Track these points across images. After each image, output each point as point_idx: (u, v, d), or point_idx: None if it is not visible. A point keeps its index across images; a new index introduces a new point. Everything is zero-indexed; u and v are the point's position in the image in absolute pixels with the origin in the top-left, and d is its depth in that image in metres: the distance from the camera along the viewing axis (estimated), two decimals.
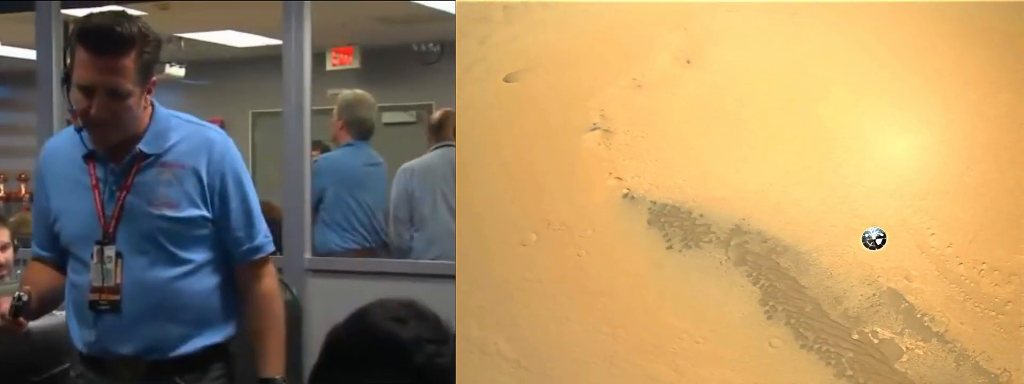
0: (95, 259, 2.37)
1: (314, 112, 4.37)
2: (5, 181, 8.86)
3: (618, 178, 2.39)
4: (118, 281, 2.36)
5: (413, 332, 1.72)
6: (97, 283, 2.38)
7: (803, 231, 2.30)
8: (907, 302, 2.30)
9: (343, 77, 7.45)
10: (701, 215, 2.34)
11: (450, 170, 4.38)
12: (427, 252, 4.46)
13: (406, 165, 4.62)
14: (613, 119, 2.35)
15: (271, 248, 2.54)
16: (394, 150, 5.09)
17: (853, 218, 2.29)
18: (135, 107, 2.33)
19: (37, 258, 2.56)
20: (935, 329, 2.30)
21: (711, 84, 2.31)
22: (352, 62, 7.74)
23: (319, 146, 5.35)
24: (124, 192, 2.38)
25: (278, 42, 4.41)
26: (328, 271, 4.31)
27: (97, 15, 2.26)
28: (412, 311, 1.77)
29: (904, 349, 2.31)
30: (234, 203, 2.46)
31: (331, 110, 4.77)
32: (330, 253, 4.47)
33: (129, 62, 2.26)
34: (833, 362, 2.32)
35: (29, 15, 4.73)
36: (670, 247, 2.37)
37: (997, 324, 2.28)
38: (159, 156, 2.40)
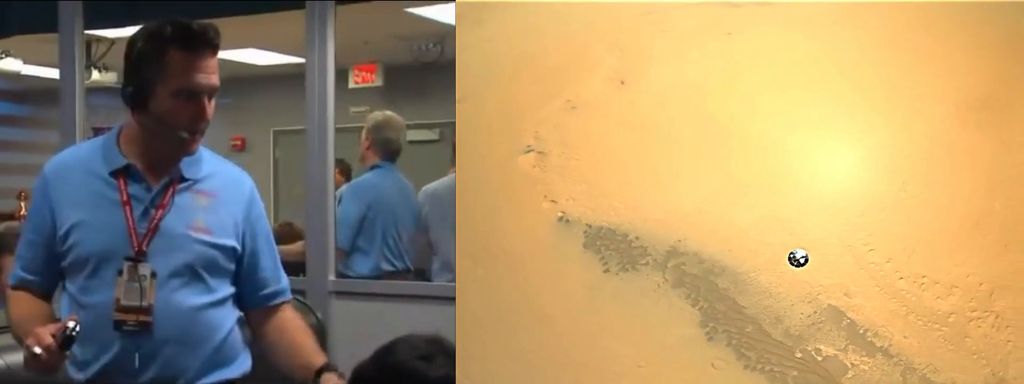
0: (126, 276, 2.26)
1: (337, 130, 4.40)
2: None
3: (553, 201, 2.36)
4: (151, 301, 2.26)
5: (440, 370, 1.72)
6: (127, 302, 2.26)
7: (740, 251, 2.27)
8: (849, 318, 2.27)
9: (366, 95, 7.63)
10: (637, 237, 2.31)
11: None
12: (440, 276, 4.50)
13: (426, 187, 4.71)
14: (547, 141, 2.33)
15: (290, 295, 2.55)
16: (418, 169, 5.20)
17: (789, 236, 2.26)
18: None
19: (22, 285, 2.40)
20: (879, 344, 2.27)
21: (645, 104, 2.28)
22: (375, 80, 7.81)
23: (341, 165, 5.39)
24: (160, 210, 2.32)
25: (300, 60, 4.46)
26: (352, 294, 4.37)
27: (177, 21, 2.23)
28: (438, 347, 1.77)
29: (849, 365, 2.28)
30: (265, 243, 2.47)
31: (354, 128, 4.92)
32: (367, 276, 4.56)
33: (216, 61, 2.29)
34: (778, 381, 2.29)
35: (52, 36, 4.88)
36: (607, 270, 2.34)
37: (941, 336, 2.25)
38: (195, 182, 2.39)
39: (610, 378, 2.35)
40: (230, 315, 2.42)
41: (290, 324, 2.48)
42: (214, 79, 2.27)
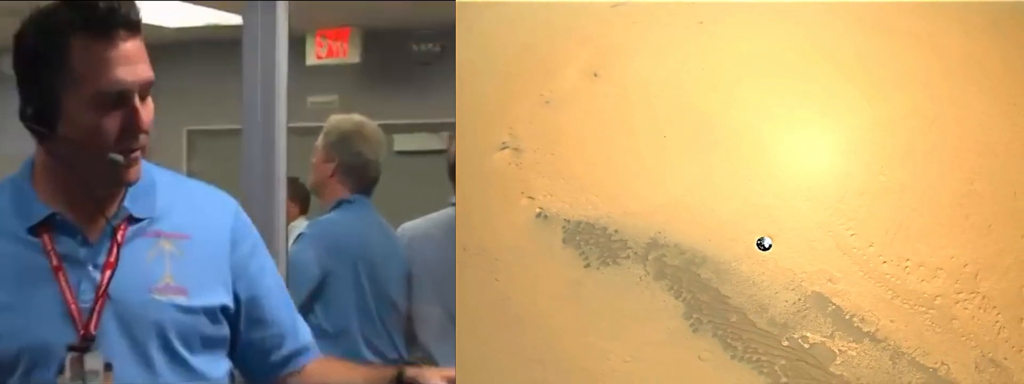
0: (68, 374, 1.57)
1: (290, 132, 2.84)
2: None
3: (530, 198, 2.34)
4: None
5: None
6: None
7: (721, 241, 2.25)
8: (834, 304, 2.25)
9: (334, 77, 4.92)
10: (616, 231, 2.28)
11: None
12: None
13: (404, 228, 3.14)
14: (522, 137, 2.31)
15: (316, 354, 1.85)
16: (414, 196, 3.34)
17: (771, 224, 2.24)
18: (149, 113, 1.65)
19: None
20: (866, 329, 2.25)
21: (619, 97, 2.26)
22: (348, 53, 5.03)
23: (295, 188, 3.75)
24: (108, 271, 1.63)
25: (233, 19, 3.03)
26: None
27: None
28: None
29: (837, 351, 2.26)
30: (269, 288, 1.78)
31: (315, 129, 3.23)
32: None
33: (141, 47, 1.60)
34: (766, 371, 2.27)
35: None
36: (588, 265, 2.31)
37: (928, 319, 2.23)
38: (152, 221, 1.70)
39: (599, 376, 2.32)
40: None
41: (334, 374, 1.81)
42: (142, 69, 1.58)
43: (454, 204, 2.60)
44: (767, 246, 2.23)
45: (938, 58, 2.24)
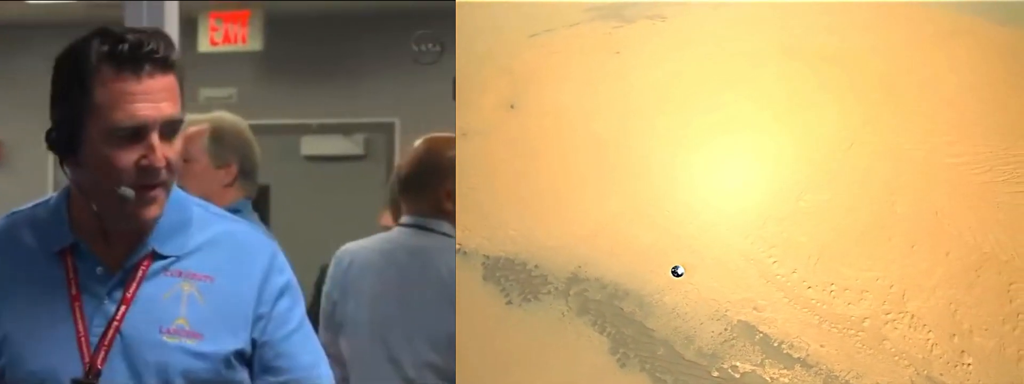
0: None
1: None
2: None
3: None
4: None
5: None
6: None
7: (642, 273, 2.21)
8: (761, 332, 2.20)
9: (231, 67, 4.33)
10: (536, 266, 2.24)
11: (412, 277, 2.53)
12: None
13: (347, 248, 3.24)
14: None
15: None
16: (320, 205, 3.00)
17: (691, 254, 2.20)
18: (179, 150, 1.61)
19: None
20: (796, 355, 2.19)
21: (536, 128, 2.24)
22: (248, 39, 4.48)
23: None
24: (123, 308, 1.61)
25: None
26: None
27: (108, 28, 1.55)
28: None
29: (769, 380, 2.20)
30: (288, 327, 1.71)
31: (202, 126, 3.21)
32: None
33: (172, 83, 1.56)
34: None
35: None
36: (510, 302, 2.26)
37: (859, 342, 2.19)
38: (177, 259, 1.66)
39: None
40: None
41: None
42: (166, 107, 1.54)
43: (404, 225, 2.25)
44: (680, 273, 2.19)
45: (853, 81, 2.25)
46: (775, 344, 2.21)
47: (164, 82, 1.54)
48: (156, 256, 1.62)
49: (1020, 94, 2.11)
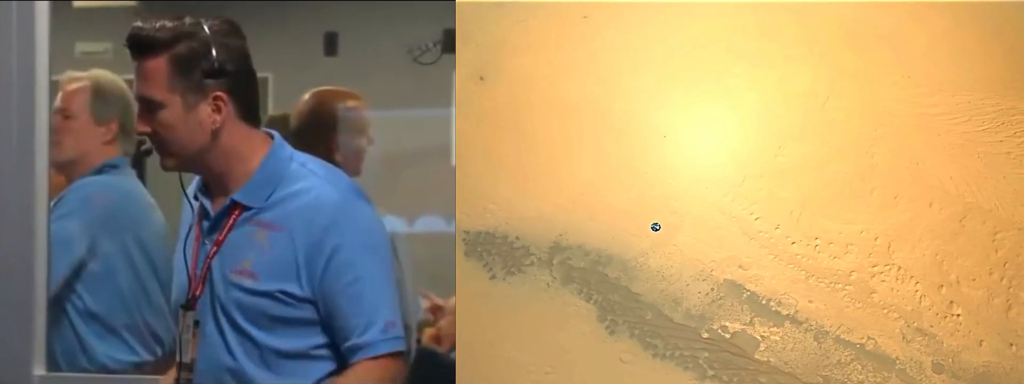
0: (179, 326, 1.95)
1: (54, 87, 2.50)
2: None
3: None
4: (193, 357, 1.93)
5: None
6: (184, 356, 1.94)
7: (624, 237, 2.19)
8: (748, 290, 2.18)
9: (107, 21, 4.03)
10: (517, 238, 2.21)
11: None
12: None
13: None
14: None
15: (387, 348, 1.94)
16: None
17: (672, 215, 2.18)
18: (176, 123, 1.90)
19: None
20: (784, 312, 2.18)
21: (506, 98, 2.21)
22: None
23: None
24: (214, 249, 1.95)
25: None
26: None
27: (138, 22, 1.94)
28: None
29: (759, 338, 2.19)
30: (338, 285, 1.92)
31: (83, 84, 2.70)
32: (105, 370, 2.62)
33: (158, 65, 1.90)
34: (690, 365, 2.19)
35: None
36: (493, 276, 2.23)
37: (847, 295, 2.18)
38: (259, 211, 1.95)
39: None
40: (301, 376, 1.94)
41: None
42: (145, 87, 1.91)
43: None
44: (657, 228, 2.18)
45: (828, 31, 2.21)
46: (763, 302, 2.20)
47: (153, 64, 1.90)
48: (245, 207, 1.94)
49: (996, 43, 2.08)
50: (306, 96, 2.85)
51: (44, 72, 2.44)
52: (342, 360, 1.95)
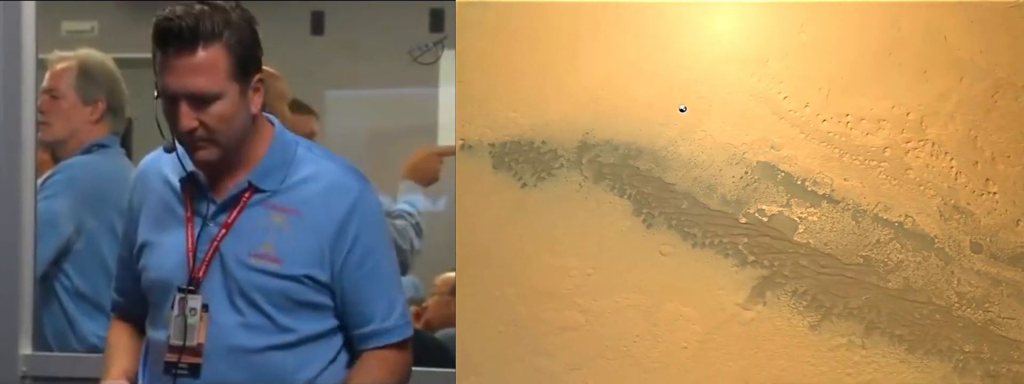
0: (176, 310, 1.92)
1: (41, 66, 2.53)
2: None
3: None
4: (200, 340, 1.91)
5: None
6: (176, 341, 1.91)
7: (651, 127, 2.16)
8: (783, 171, 2.15)
9: (94, 1, 4.03)
10: (544, 142, 2.19)
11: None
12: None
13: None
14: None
15: (406, 332, 2.04)
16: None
17: (698, 100, 2.15)
18: (235, 113, 1.90)
19: (114, 308, 2.13)
20: (821, 192, 2.14)
21: (508, 12, 2.18)
22: None
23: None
24: (223, 231, 1.94)
25: None
26: (60, 380, 2.56)
27: (163, 13, 1.86)
28: None
29: (797, 220, 2.15)
30: (360, 271, 1.97)
31: (69, 63, 2.74)
32: (94, 349, 2.60)
33: (214, 56, 1.85)
34: (731, 252, 2.16)
35: None
36: (524, 185, 2.21)
37: (883, 172, 2.13)
38: (273, 194, 1.96)
39: (565, 295, 2.20)
40: (318, 358, 1.98)
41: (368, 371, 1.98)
42: (189, 81, 1.84)
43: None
44: (683, 109, 2.14)
45: None
46: (798, 182, 2.16)
47: (190, 58, 1.84)
48: (257, 190, 1.94)
49: None
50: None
51: (31, 51, 2.48)
52: (344, 343, 2.02)
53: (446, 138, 3.98)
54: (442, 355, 2.80)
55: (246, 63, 1.90)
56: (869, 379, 2.11)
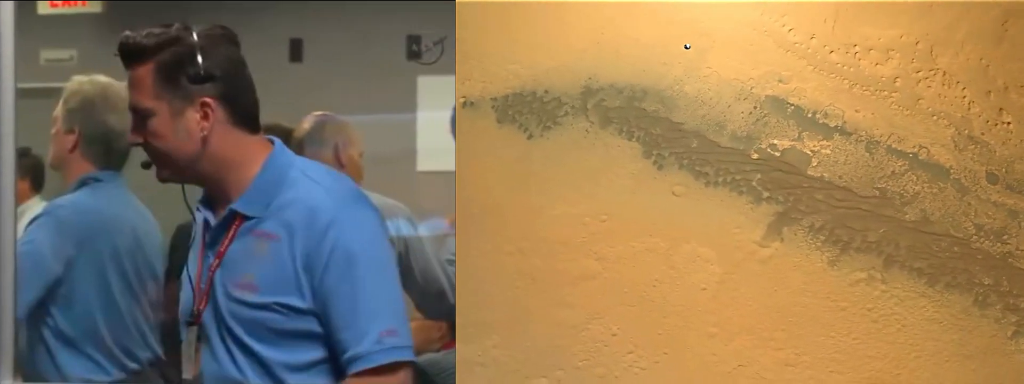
0: (185, 340, 1.90)
1: (20, 95, 2.31)
2: None
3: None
4: (195, 373, 1.88)
5: None
6: (185, 373, 1.90)
7: (655, 67, 2.12)
8: (792, 105, 2.11)
9: (72, 29, 4.11)
10: (546, 91, 2.16)
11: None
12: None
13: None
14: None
15: (382, 359, 1.83)
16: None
17: (700, 37, 2.11)
18: (165, 131, 1.86)
19: None
20: (833, 124, 2.11)
21: None
22: (87, 1, 4.22)
23: (28, 162, 3.15)
24: (217, 261, 1.89)
25: None
26: None
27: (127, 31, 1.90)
28: None
29: (810, 153, 2.11)
30: (338, 294, 1.84)
31: (51, 90, 2.72)
32: None
33: (144, 73, 1.86)
34: (745, 189, 2.12)
35: None
36: (531, 136, 2.18)
37: (894, 103, 2.09)
38: (260, 221, 1.88)
39: (581, 245, 2.16)
40: None
41: None
42: (134, 96, 1.87)
43: None
44: (686, 47, 2.11)
45: None
46: (809, 115, 2.12)
47: (141, 72, 1.86)
48: (241, 217, 1.88)
49: None
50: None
51: (10, 79, 2.31)
52: (338, 374, 1.88)
53: (424, 164, 4.01)
54: (422, 380, 2.67)
55: (177, 82, 1.85)
56: (890, 313, 2.07)
